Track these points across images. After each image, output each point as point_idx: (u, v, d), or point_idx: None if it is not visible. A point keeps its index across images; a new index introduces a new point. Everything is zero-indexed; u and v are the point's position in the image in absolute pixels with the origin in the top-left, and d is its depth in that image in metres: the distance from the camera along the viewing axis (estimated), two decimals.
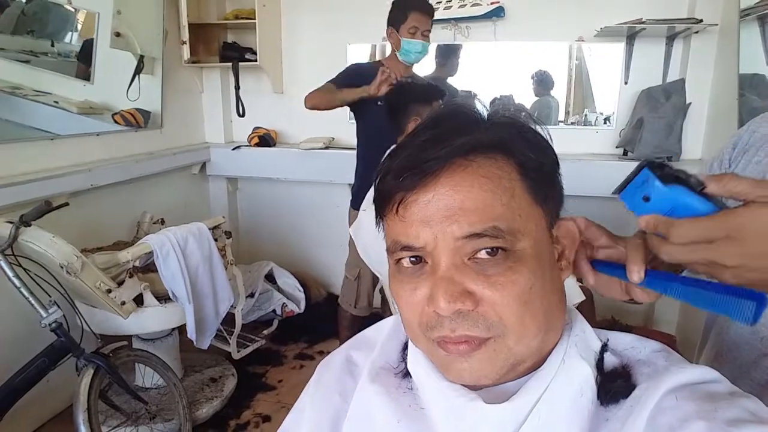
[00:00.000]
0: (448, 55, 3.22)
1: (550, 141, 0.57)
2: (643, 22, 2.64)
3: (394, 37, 2.38)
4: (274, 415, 2.40)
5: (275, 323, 3.08)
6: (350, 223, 2.57)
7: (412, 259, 0.53)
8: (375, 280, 2.50)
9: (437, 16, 3.02)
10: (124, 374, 1.95)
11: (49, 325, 1.77)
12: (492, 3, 2.93)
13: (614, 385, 0.54)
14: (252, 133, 3.34)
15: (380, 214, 0.57)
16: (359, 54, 3.25)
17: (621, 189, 0.53)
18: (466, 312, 0.50)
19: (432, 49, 3.20)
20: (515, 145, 0.53)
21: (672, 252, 0.49)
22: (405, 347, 0.65)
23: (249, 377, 2.67)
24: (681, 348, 2.73)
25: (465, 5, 2.97)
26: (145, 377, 2.29)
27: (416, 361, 0.60)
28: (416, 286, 0.53)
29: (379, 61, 2.54)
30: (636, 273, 0.51)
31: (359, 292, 2.48)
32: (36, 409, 2.20)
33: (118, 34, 2.72)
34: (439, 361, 0.55)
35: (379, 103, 2.32)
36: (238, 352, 2.67)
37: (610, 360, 0.57)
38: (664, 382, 0.51)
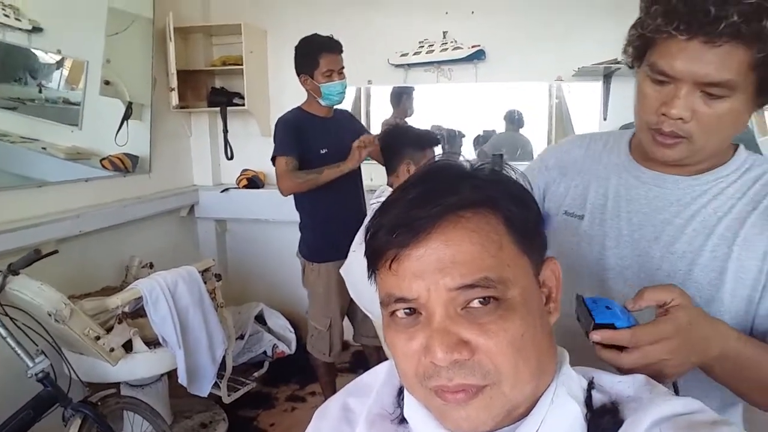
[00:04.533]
0: (401, 96, 3.33)
1: (531, 191, 0.60)
2: (618, 62, 2.75)
3: (311, 85, 2.32)
4: None
5: (266, 365, 3.04)
6: (304, 276, 2.52)
7: (406, 310, 0.55)
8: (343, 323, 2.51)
9: (420, 60, 3.14)
10: (112, 422, 1.91)
11: (36, 375, 1.74)
12: (473, 46, 3.04)
13: (602, 421, 0.55)
14: (240, 175, 3.37)
15: (373, 268, 0.59)
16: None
17: (591, 325, 0.66)
18: (462, 361, 0.51)
19: (386, 92, 3.33)
20: (501, 201, 0.56)
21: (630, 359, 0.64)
22: (400, 392, 0.66)
23: (240, 421, 2.63)
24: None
25: (446, 49, 3.08)
26: (134, 425, 2.24)
27: (412, 409, 0.61)
28: (411, 337, 0.54)
29: (299, 107, 2.46)
30: None
31: (332, 342, 2.47)
32: None
33: (107, 83, 2.77)
34: (437, 410, 0.56)
35: (322, 151, 2.31)
36: (229, 395, 2.63)
37: (598, 397, 0.58)
38: (648, 415, 0.53)
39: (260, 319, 3.21)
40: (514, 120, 3.29)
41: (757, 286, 0.78)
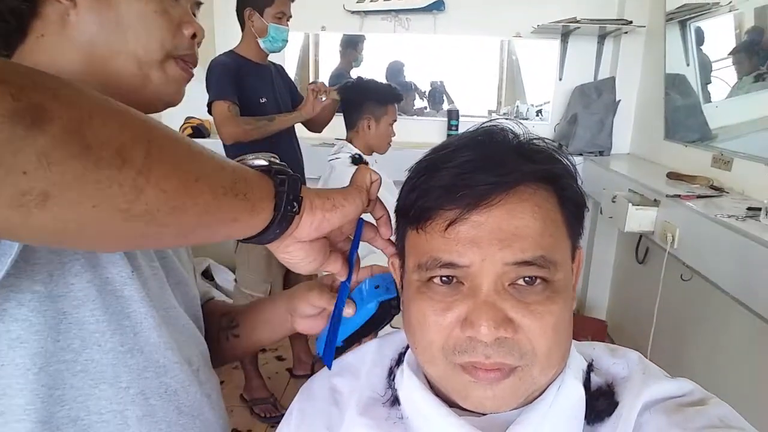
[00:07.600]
0: (351, 45, 3.26)
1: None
2: (577, 21, 2.74)
3: (257, 22, 2.10)
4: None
5: None
6: (237, 246, 2.29)
7: (444, 278, 0.51)
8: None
9: (377, 7, 3.01)
10: None
11: None
12: None
13: (598, 403, 0.55)
14: (184, 123, 3.18)
15: (412, 228, 0.55)
16: (292, 44, 3.15)
17: None
18: (504, 339, 0.49)
19: (336, 40, 3.24)
20: (563, 179, 0.54)
21: None
22: (390, 373, 0.64)
23: None
24: (612, 333, 2.90)
25: None
26: None
27: (409, 390, 0.59)
28: (448, 307, 0.51)
29: (233, 51, 2.18)
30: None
31: None
32: None
33: None
34: (459, 387, 0.52)
35: (262, 100, 2.15)
36: None
37: (595, 380, 0.58)
38: (640, 398, 0.53)
39: (207, 275, 3.12)
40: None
41: None
